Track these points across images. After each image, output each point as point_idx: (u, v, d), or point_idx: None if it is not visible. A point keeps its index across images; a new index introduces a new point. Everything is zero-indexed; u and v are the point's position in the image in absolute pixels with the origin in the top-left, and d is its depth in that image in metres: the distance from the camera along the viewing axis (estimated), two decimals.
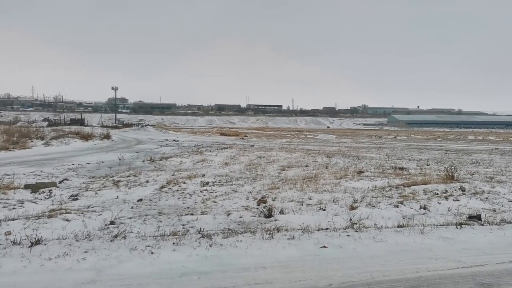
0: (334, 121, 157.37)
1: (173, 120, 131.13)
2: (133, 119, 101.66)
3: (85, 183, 11.67)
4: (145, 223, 7.19)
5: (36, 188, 10.27)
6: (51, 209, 8.13)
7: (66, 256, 4.90)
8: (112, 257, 4.92)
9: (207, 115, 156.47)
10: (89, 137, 31.42)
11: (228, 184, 11.57)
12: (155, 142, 33.48)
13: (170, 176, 12.95)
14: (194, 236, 6.01)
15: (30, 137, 27.63)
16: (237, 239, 5.84)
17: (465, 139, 47.82)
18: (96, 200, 9.39)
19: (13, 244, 5.37)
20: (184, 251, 5.24)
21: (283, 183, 11.67)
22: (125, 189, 10.69)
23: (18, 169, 14.04)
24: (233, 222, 7.41)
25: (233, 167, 15.64)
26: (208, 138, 42.61)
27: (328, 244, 5.68)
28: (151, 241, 5.64)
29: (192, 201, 9.37)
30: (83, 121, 66.39)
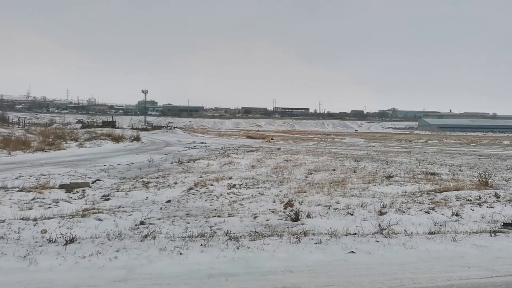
0: (362, 124, 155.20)
1: (200, 122, 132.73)
2: (162, 122, 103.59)
3: (116, 184, 11.97)
4: (174, 224, 7.31)
5: (70, 188, 10.63)
6: (85, 208, 8.40)
7: (99, 255, 5.06)
8: (143, 257, 5.04)
9: (234, 118, 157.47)
10: (120, 139, 32.23)
11: (254, 187, 11.62)
12: (183, 144, 33.97)
13: (197, 178, 13.12)
14: (221, 238, 6.08)
15: (64, 139, 28.60)
16: (264, 242, 5.87)
17: (500, 144, 46.14)
18: (127, 201, 9.62)
19: (49, 242, 5.58)
20: (211, 253, 5.31)
21: (310, 187, 11.61)
22: (154, 190, 10.90)
23: (54, 170, 14.55)
24: (260, 225, 7.43)
25: (259, 170, 15.68)
26: (234, 140, 42.89)
27: (356, 250, 5.62)
28: (179, 242, 5.74)
29: (219, 203, 9.46)
30: (114, 123, 68.10)
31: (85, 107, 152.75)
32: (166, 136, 48.50)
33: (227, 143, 37.39)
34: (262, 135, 57.96)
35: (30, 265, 4.72)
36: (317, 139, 50.42)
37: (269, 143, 38.25)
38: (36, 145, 23.39)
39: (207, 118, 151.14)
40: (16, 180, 11.72)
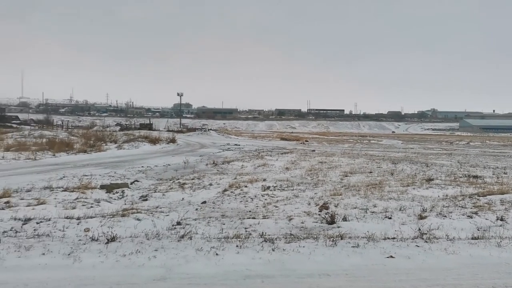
0: (400, 125, 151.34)
1: (234, 124, 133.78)
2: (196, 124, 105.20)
3: (154, 185, 12.25)
4: (209, 225, 7.39)
5: (111, 188, 10.98)
6: (124, 208, 8.65)
7: (138, 254, 5.20)
8: (180, 257, 5.14)
9: (268, 119, 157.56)
10: (156, 141, 32.98)
11: (289, 189, 11.58)
12: (217, 146, 34.35)
13: (232, 179, 13.22)
14: (256, 239, 6.09)
15: (104, 141, 29.60)
16: (299, 245, 5.84)
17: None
18: (164, 201, 9.82)
19: (92, 240, 5.80)
20: (247, 254, 5.33)
21: (346, 190, 11.44)
22: (190, 192, 11.07)
23: (95, 170, 15.09)
24: (295, 227, 7.39)
25: (294, 172, 15.61)
26: (268, 142, 42.92)
27: (395, 254, 5.48)
28: (215, 243, 5.80)
29: (253, 205, 9.49)
30: (151, 125, 69.83)
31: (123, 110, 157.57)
32: (201, 138, 49.21)
33: (260, 145, 37.47)
34: (296, 137, 57.68)
35: (74, 262, 4.92)
36: (352, 141, 49.63)
37: (303, 145, 38.01)
38: (79, 147, 24.32)
39: (240, 120, 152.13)
40: (60, 180, 12.24)
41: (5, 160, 17.63)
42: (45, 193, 9.81)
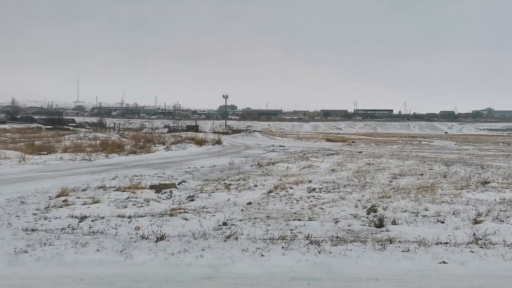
0: (453, 126, 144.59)
1: (279, 126, 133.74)
2: (241, 125, 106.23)
3: (200, 185, 12.49)
4: (255, 226, 7.43)
5: (159, 188, 11.33)
6: (172, 208, 8.89)
7: (186, 252, 5.32)
8: (226, 257, 5.21)
9: (313, 120, 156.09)
10: (202, 143, 33.66)
11: (335, 191, 11.40)
12: (262, 147, 34.47)
13: (277, 181, 13.21)
14: (302, 241, 6.05)
15: (153, 142, 30.64)
16: (346, 248, 5.73)
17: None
18: (210, 202, 9.99)
19: (142, 239, 6.01)
20: (293, 256, 5.31)
21: (395, 192, 11.09)
22: (235, 192, 11.19)
23: (144, 171, 15.63)
24: (342, 230, 7.27)
25: (340, 173, 15.36)
26: (313, 144, 42.51)
27: (448, 260, 5.24)
28: (261, 244, 5.83)
29: (299, 207, 9.43)
30: (197, 127, 71.37)
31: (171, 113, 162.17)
32: (246, 140, 49.62)
33: (306, 146, 37.20)
34: (342, 138, 56.71)
35: (126, 259, 5.12)
36: (402, 142, 48.04)
37: (350, 146, 37.31)
38: (129, 149, 25.33)
39: (285, 121, 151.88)
40: (112, 180, 12.79)
41: (63, 161, 18.70)
42: (99, 193, 10.29)
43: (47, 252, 5.29)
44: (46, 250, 5.35)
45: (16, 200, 9.16)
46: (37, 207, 8.50)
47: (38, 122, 62.90)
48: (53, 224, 7.01)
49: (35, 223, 7.08)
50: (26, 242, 5.70)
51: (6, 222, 7.05)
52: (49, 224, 7.02)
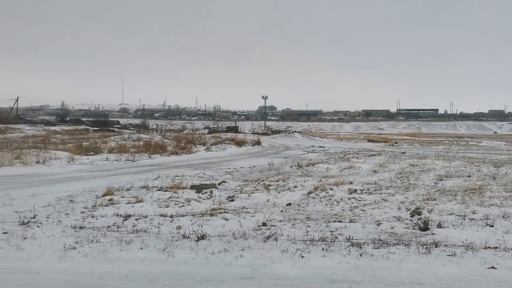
0: (503, 125, 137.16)
1: (319, 126, 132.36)
2: (281, 126, 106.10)
3: (240, 186, 12.58)
4: (294, 227, 7.39)
5: (200, 188, 11.53)
6: (212, 208, 9.00)
7: (226, 252, 5.37)
8: (266, 257, 5.20)
9: (354, 121, 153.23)
10: (242, 143, 33.91)
11: (377, 192, 11.12)
12: (302, 148, 34.24)
13: (317, 182, 13.07)
14: (343, 243, 5.95)
15: (194, 143, 31.21)
16: (389, 251, 5.58)
17: None
18: (249, 202, 10.03)
19: (183, 238, 6.13)
20: (333, 258, 5.22)
21: (441, 194, 10.67)
22: (274, 193, 11.17)
23: (185, 171, 15.94)
24: (384, 233, 7.08)
25: (382, 175, 14.97)
26: (354, 144, 41.72)
27: (497, 265, 4.97)
28: (300, 245, 5.78)
29: (339, 208, 9.28)
30: (237, 128, 71.97)
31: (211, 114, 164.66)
32: (285, 140, 49.48)
33: (346, 147, 36.59)
34: (384, 138, 55.30)
35: (168, 257, 5.24)
36: (448, 142, 46.18)
37: (392, 147, 36.30)
38: (171, 149, 25.94)
39: (325, 121, 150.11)
40: (155, 180, 13.14)
41: (108, 161, 19.44)
42: (142, 192, 10.60)
43: (94, 249, 5.51)
44: (93, 247, 5.57)
45: (66, 199, 9.61)
46: (85, 205, 8.88)
47: (86, 124, 65.78)
48: (99, 222, 7.30)
49: (83, 221, 7.39)
50: (74, 239, 5.96)
51: (56, 219, 7.41)
52: (96, 222, 7.31)
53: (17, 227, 6.64)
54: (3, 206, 8.58)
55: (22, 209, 8.26)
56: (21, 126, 48.94)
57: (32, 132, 42.10)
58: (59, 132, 43.99)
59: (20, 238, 5.92)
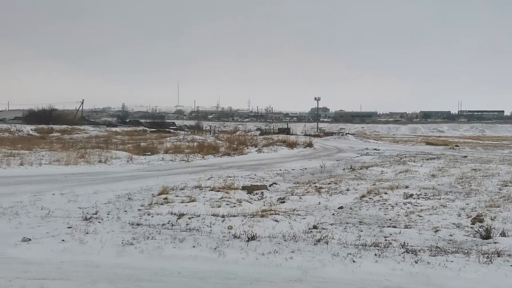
0: None
1: (373, 128, 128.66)
2: (333, 128, 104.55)
3: (291, 188, 12.55)
4: (346, 231, 7.25)
5: (251, 189, 11.64)
6: (263, 209, 9.05)
7: (276, 254, 5.38)
8: (316, 260, 5.15)
9: (411, 122, 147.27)
10: (293, 145, 33.77)
11: (435, 198, 10.63)
12: (355, 150, 33.49)
13: (370, 185, 12.73)
14: (397, 249, 5.75)
15: (246, 145, 31.55)
16: (447, 259, 5.31)
17: None
18: (300, 205, 9.98)
19: (234, 238, 6.22)
20: (387, 264, 5.06)
21: (505, 201, 9.99)
22: (326, 196, 11.03)
23: (237, 172, 16.16)
24: (442, 240, 6.76)
25: (441, 179, 14.28)
26: (411, 147, 40.12)
27: None
28: (352, 249, 5.66)
29: (394, 213, 8.98)
30: (288, 130, 71.78)
31: (263, 115, 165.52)
32: (338, 142, 48.67)
33: (402, 149, 35.27)
34: (444, 141, 52.68)
35: (219, 256, 5.35)
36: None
37: (453, 150, 34.48)
38: (223, 150, 26.41)
39: (380, 123, 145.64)
40: (208, 180, 13.44)
41: (164, 161, 20.17)
42: (195, 192, 10.89)
43: (149, 245, 5.74)
44: (149, 244, 5.81)
45: (124, 197, 10.10)
46: (142, 203, 9.29)
47: (144, 125, 68.59)
48: (155, 219, 7.59)
49: (139, 218, 7.73)
50: (132, 235, 6.24)
51: (115, 216, 7.81)
52: (151, 219, 7.62)
53: (80, 222, 7.08)
54: (69, 202, 9.18)
55: (85, 205, 8.80)
56: (86, 127, 52.03)
57: (95, 133, 44.65)
58: (119, 133, 46.29)
59: (83, 232, 6.30)
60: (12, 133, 38.92)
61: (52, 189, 10.81)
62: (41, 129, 44.35)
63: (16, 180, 12.36)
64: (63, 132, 43.80)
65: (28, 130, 42.37)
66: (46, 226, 6.74)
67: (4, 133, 38.24)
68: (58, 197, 9.72)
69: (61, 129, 45.90)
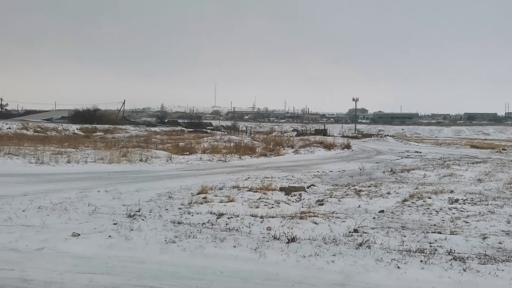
0: None
1: (414, 130, 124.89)
2: (372, 130, 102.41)
3: (329, 190, 12.39)
4: (388, 235, 7.07)
5: (289, 191, 11.59)
6: (302, 211, 8.99)
7: (317, 256, 5.32)
8: (359, 265, 5.05)
9: (454, 125, 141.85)
10: (331, 147, 33.36)
11: (482, 203, 10.16)
12: (395, 153, 32.64)
13: (413, 189, 12.35)
14: (444, 256, 5.55)
15: (282, 145, 31.47)
16: (497, 268, 5.08)
17: None
18: (339, 207, 9.83)
19: (274, 239, 6.21)
20: (433, 271, 4.89)
21: None
22: (366, 199, 10.81)
23: (274, 173, 16.15)
24: (490, 248, 6.45)
25: (488, 184, 13.64)
26: (455, 150, 38.64)
27: None
28: (396, 255, 5.51)
29: (438, 219, 8.67)
30: (325, 131, 70.99)
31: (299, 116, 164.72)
32: (377, 144, 47.60)
33: (446, 152, 34.03)
34: (490, 144, 50.38)
35: (260, 257, 5.35)
36: None
37: (500, 154, 32.88)
38: (260, 151, 26.48)
39: (421, 125, 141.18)
40: (245, 181, 13.51)
41: (202, 161, 20.48)
42: (233, 192, 10.97)
43: (191, 243, 5.84)
44: (191, 242, 5.91)
45: (165, 195, 10.33)
46: (182, 202, 9.46)
47: (182, 126, 70.09)
48: (195, 218, 7.71)
49: (180, 216, 7.88)
50: (174, 233, 6.37)
51: (157, 214, 8.00)
52: (192, 218, 7.74)
53: (125, 219, 7.30)
54: (113, 199, 9.49)
55: (128, 202, 9.08)
56: (127, 127, 53.77)
57: (136, 132, 46.04)
58: (158, 133, 47.48)
59: (128, 229, 6.50)
60: (59, 132, 40.81)
61: (98, 186, 11.22)
62: (86, 128, 46.26)
63: (64, 177, 12.93)
64: (105, 131, 45.52)
65: (73, 129, 44.30)
66: (94, 222, 7.01)
67: (51, 132, 40.17)
68: (103, 194, 10.08)
69: (104, 129, 47.70)
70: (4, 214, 7.37)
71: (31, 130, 40.06)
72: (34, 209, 7.90)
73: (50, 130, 41.95)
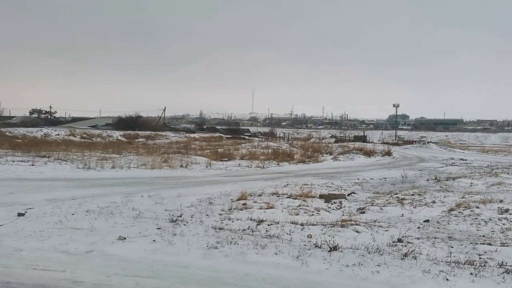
0: None
1: (458, 137, 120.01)
2: (413, 136, 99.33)
3: (370, 198, 12.13)
4: (434, 246, 6.82)
5: (329, 198, 11.44)
6: (343, 219, 8.85)
7: (361, 266, 5.21)
8: (405, 276, 4.90)
9: (502, 131, 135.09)
10: (371, 153, 32.64)
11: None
12: (439, 160, 31.49)
13: (459, 198, 11.85)
14: (495, 269, 5.29)
15: (321, 152, 31.13)
16: None
17: None
18: (382, 216, 9.60)
19: (315, 247, 6.14)
20: (485, 284, 4.68)
21: None
22: (410, 208, 10.49)
23: (313, 180, 16.00)
24: None
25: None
26: (503, 157, 36.80)
27: None
28: (444, 267, 5.31)
29: (488, 229, 8.27)
30: (365, 138, 69.64)
31: (337, 123, 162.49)
32: (419, 151, 46.07)
33: (493, 160, 32.47)
34: None
35: (302, 265, 5.31)
36: None
37: None
38: (298, 158, 26.29)
39: (466, 131, 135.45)
40: (284, 187, 13.47)
41: (240, 167, 20.61)
42: (273, 199, 10.95)
43: (233, 250, 5.88)
44: (232, 248, 5.95)
45: (205, 201, 10.48)
46: (222, 208, 9.56)
47: (220, 132, 70.86)
48: (235, 224, 7.76)
49: (221, 222, 7.96)
50: (215, 239, 6.44)
51: (199, 219, 8.13)
52: (232, 224, 7.80)
53: (167, 223, 7.47)
54: (156, 204, 9.74)
55: (170, 207, 9.28)
56: (167, 133, 55.08)
57: (176, 139, 47.08)
58: (197, 139, 48.31)
59: (171, 234, 6.64)
60: (103, 138, 42.43)
61: (141, 191, 11.55)
62: (128, 135, 47.84)
63: (109, 182, 13.42)
64: (147, 137, 46.86)
65: (117, 136, 45.93)
66: (138, 226, 7.22)
67: (97, 138, 41.85)
68: (146, 199, 10.36)
69: (146, 135, 49.14)
70: (55, 217, 7.72)
71: (78, 137, 41.96)
72: (83, 212, 8.24)
73: (96, 136, 43.72)
